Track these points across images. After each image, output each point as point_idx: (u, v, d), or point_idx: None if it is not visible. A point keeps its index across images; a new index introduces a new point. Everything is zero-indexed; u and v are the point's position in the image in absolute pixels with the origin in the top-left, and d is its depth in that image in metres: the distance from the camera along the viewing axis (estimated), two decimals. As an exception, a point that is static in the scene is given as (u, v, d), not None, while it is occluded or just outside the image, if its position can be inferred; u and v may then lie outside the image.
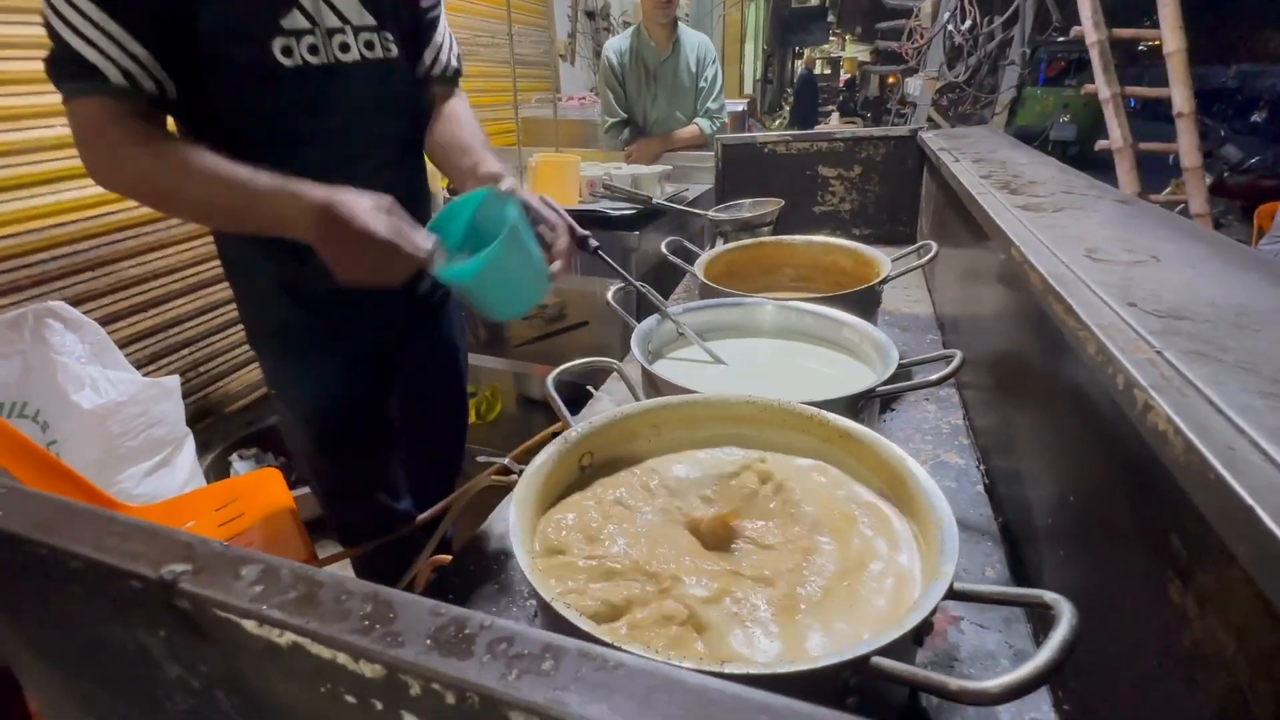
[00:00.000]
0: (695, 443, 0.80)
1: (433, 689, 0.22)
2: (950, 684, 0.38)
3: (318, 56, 0.87)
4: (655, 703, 0.21)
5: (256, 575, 0.27)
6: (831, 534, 0.63)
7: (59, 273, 1.70)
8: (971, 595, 0.48)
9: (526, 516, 0.61)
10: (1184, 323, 0.49)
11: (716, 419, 0.81)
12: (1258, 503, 0.30)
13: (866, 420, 0.91)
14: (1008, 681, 0.37)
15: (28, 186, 1.64)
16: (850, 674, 0.43)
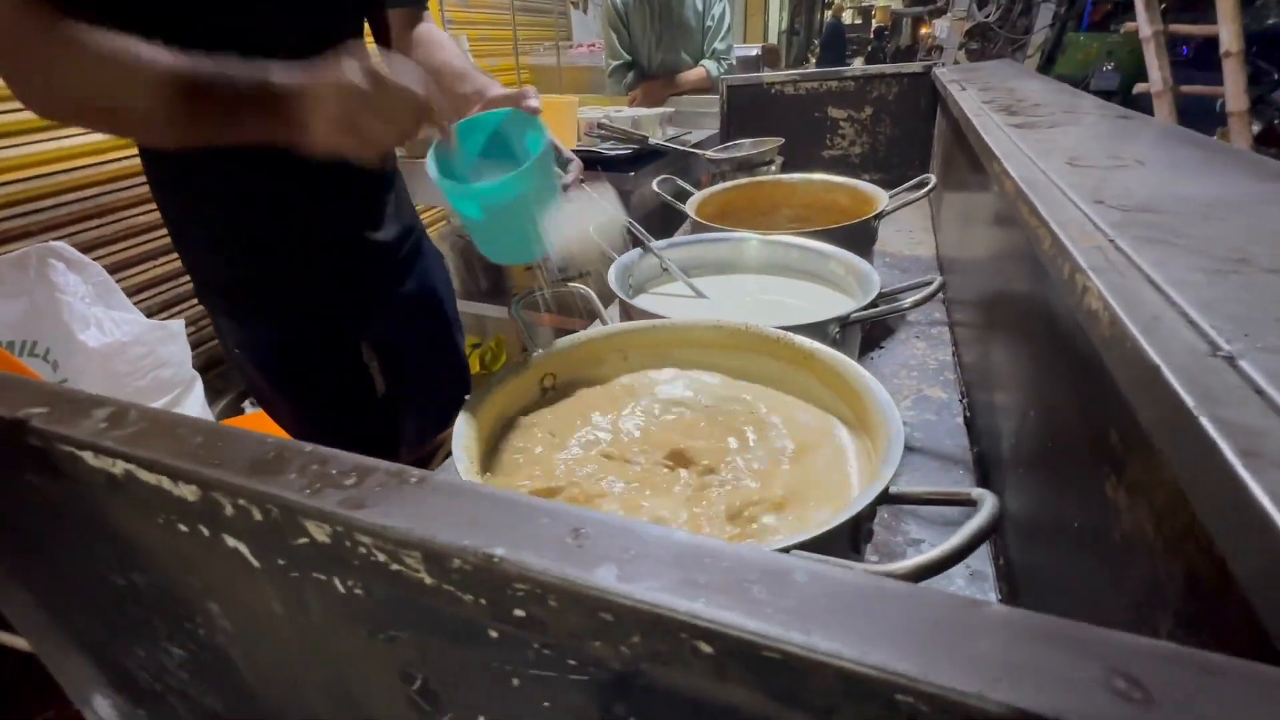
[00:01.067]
0: (662, 366, 0.79)
1: (240, 505, 0.22)
2: (855, 567, 0.38)
3: None
4: (452, 510, 0.20)
5: (105, 415, 0.27)
6: (789, 455, 0.61)
7: (68, 219, 1.73)
8: (907, 498, 0.47)
9: (473, 426, 0.61)
10: (1148, 215, 0.46)
11: (684, 344, 0.80)
12: (1165, 363, 0.28)
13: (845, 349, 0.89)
14: (914, 563, 0.36)
15: (31, 132, 1.66)
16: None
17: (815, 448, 0.63)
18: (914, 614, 0.15)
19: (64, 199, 1.71)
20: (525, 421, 0.67)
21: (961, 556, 0.36)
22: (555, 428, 0.65)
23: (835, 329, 0.83)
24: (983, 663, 0.13)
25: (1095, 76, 4.47)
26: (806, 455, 0.62)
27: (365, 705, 0.25)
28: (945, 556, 0.36)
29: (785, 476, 0.59)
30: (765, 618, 0.15)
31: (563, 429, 0.65)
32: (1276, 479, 0.21)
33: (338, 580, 0.21)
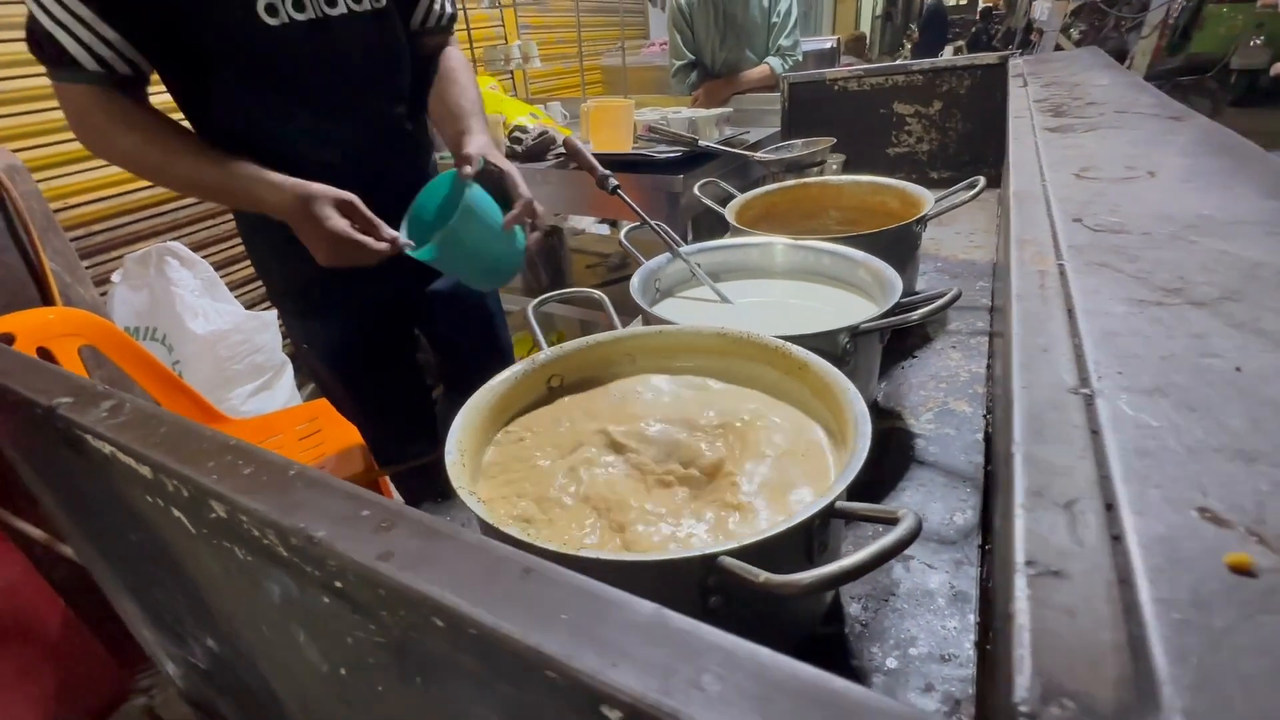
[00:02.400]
0: (667, 373, 0.82)
1: (174, 485, 0.28)
2: (758, 576, 0.40)
3: (304, 13, 0.87)
4: (310, 497, 0.25)
5: (108, 407, 0.34)
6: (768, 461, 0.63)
7: (184, 220, 1.98)
8: (849, 513, 0.48)
9: (470, 420, 0.66)
10: (1117, 237, 0.44)
11: (688, 350, 0.82)
12: (1021, 396, 0.28)
13: (864, 359, 0.89)
14: (812, 577, 0.37)
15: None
16: (702, 570, 0.45)
17: (795, 455, 0.64)
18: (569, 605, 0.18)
19: (181, 203, 1.95)
20: (523, 420, 0.72)
21: (858, 574, 0.37)
22: (548, 426, 0.70)
23: (845, 338, 0.83)
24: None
25: (1239, 52, 3.95)
26: (785, 462, 0.63)
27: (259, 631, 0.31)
28: (842, 573, 0.37)
29: (759, 481, 0.60)
30: (479, 602, 0.19)
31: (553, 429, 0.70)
32: (1043, 519, 0.22)
33: (236, 549, 0.27)
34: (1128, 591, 0.19)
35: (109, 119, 0.83)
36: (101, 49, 0.79)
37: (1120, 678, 0.17)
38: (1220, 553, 0.19)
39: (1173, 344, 0.30)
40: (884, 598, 0.65)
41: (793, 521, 0.47)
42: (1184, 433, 0.24)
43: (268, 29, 0.86)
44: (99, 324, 1.39)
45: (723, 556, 0.44)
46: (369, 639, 0.23)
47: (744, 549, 0.45)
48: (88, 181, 1.73)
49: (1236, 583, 0.18)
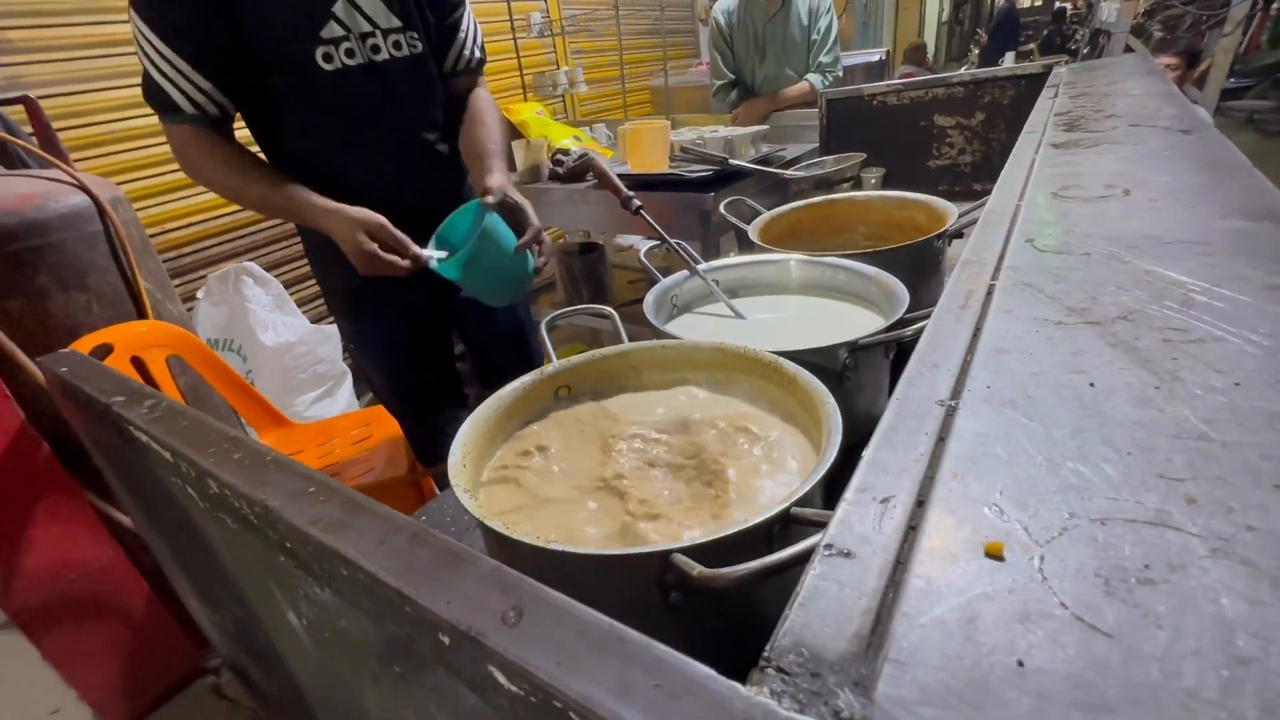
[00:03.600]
0: (669, 385, 0.87)
1: (184, 467, 0.35)
2: (694, 569, 0.43)
3: (354, 59, 1.05)
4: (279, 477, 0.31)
5: (148, 405, 0.42)
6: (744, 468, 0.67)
7: (260, 242, 2.18)
8: (802, 519, 0.50)
9: (476, 426, 0.73)
10: (1057, 258, 0.45)
11: (689, 364, 0.87)
12: (896, 407, 0.31)
13: (871, 373, 0.90)
14: (739, 571, 0.41)
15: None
16: (660, 567, 0.49)
17: (775, 464, 0.67)
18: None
19: (256, 228, 2.16)
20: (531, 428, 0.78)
21: (782, 570, 0.40)
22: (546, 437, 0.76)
23: (845, 354, 0.85)
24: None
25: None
26: (767, 469, 0.66)
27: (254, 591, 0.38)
28: (767, 568, 0.40)
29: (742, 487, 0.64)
30: (369, 557, 0.24)
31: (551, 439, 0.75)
32: (857, 511, 0.25)
33: (227, 519, 0.34)
34: (900, 571, 0.22)
35: (201, 152, 1.03)
36: (196, 95, 0.98)
37: (856, 634, 0.20)
38: (985, 539, 0.22)
39: (1049, 360, 0.32)
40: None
41: (748, 524, 0.50)
42: (1012, 441, 0.27)
43: (323, 73, 1.04)
44: (184, 336, 1.57)
45: (675, 554, 0.48)
46: (310, 588, 0.28)
47: (699, 547, 0.49)
48: (178, 209, 1.95)
49: (985, 565, 0.21)
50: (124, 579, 1.46)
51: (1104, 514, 0.22)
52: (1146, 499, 0.22)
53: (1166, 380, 0.28)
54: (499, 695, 0.20)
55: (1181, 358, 0.30)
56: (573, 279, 2.33)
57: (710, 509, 0.62)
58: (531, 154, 2.02)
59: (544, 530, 0.62)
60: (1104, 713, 0.16)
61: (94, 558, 1.39)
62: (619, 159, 2.21)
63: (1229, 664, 0.16)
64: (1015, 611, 0.19)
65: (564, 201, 2.11)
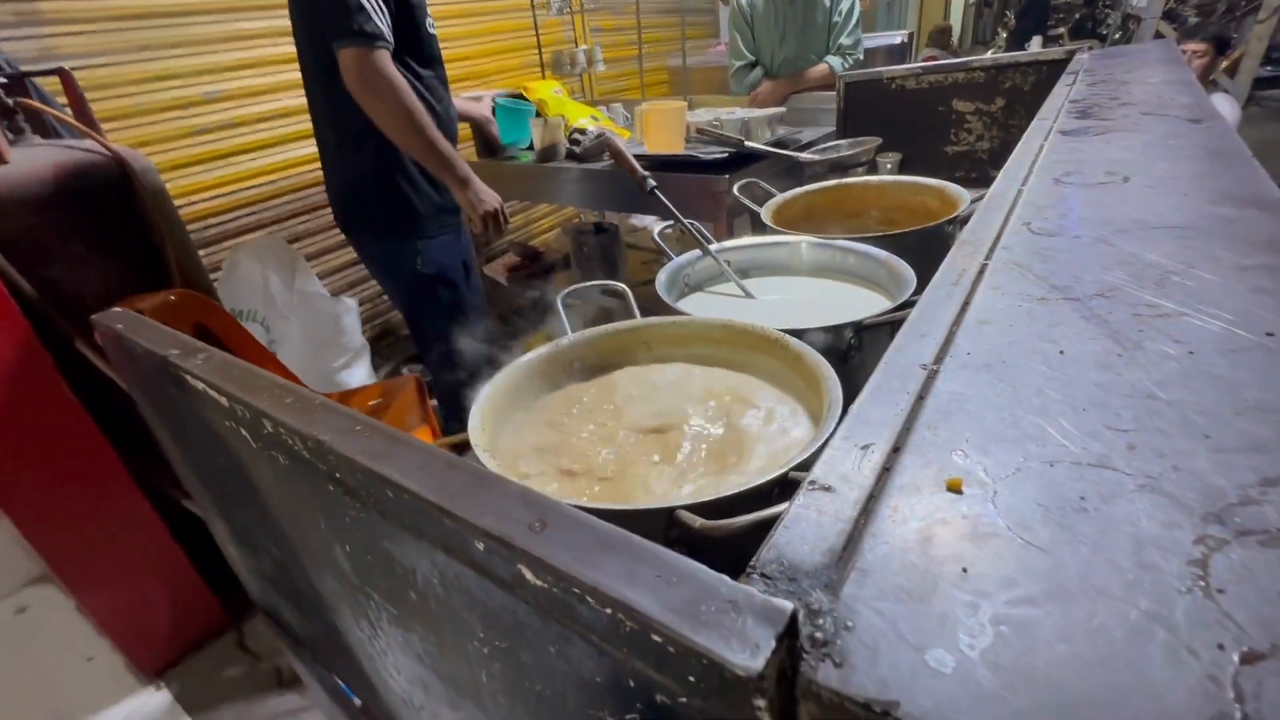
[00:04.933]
0: (679, 360, 0.90)
1: (239, 410, 0.39)
2: (695, 522, 0.47)
3: (431, 29, 1.53)
4: (329, 418, 0.35)
5: (202, 358, 0.46)
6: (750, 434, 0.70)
7: (287, 215, 2.23)
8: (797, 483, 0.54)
9: (493, 394, 0.76)
10: (1048, 240, 0.48)
11: (699, 339, 0.90)
12: (883, 370, 0.34)
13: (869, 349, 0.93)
14: (736, 523, 0.44)
15: (261, 149, 2.17)
16: (666, 521, 0.53)
17: (779, 433, 0.71)
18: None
19: (282, 200, 2.20)
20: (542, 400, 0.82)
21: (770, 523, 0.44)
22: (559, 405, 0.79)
23: (850, 333, 0.88)
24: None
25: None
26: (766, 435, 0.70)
27: (299, 527, 0.42)
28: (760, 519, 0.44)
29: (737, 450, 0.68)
30: (412, 479, 0.28)
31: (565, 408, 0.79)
32: (840, 455, 0.28)
33: (279, 455, 0.37)
34: (872, 503, 0.26)
35: (396, 77, 1.39)
36: (388, 32, 1.38)
37: (830, 550, 0.24)
38: (947, 476, 0.26)
39: (1026, 331, 0.35)
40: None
41: (747, 485, 0.54)
42: (983, 399, 0.30)
43: (425, 33, 1.52)
44: (211, 306, 1.62)
45: (679, 510, 0.52)
46: (357, 514, 0.32)
47: (705, 504, 0.52)
48: (205, 181, 2.00)
49: (946, 498, 0.25)
50: (157, 538, 1.53)
51: (1054, 458, 0.25)
52: (1092, 446, 0.26)
53: (1129, 349, 0.31)
54: (526, 591, 0.23)
55: (1147, 330, 0.33)
56: (586, 258, 2.36)
57: (715, 470, 0.65)
58: (549, 133, 2.04)
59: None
60: (1027, 604, 0.19)
61: (129, 517, 1.46)
62: (636, 139, 2.22)
63: (1135, 570, 0.20)
64: (966, 532, 0.23)
65: (580, 181, 2.13)
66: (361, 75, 1.35)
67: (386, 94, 1.38)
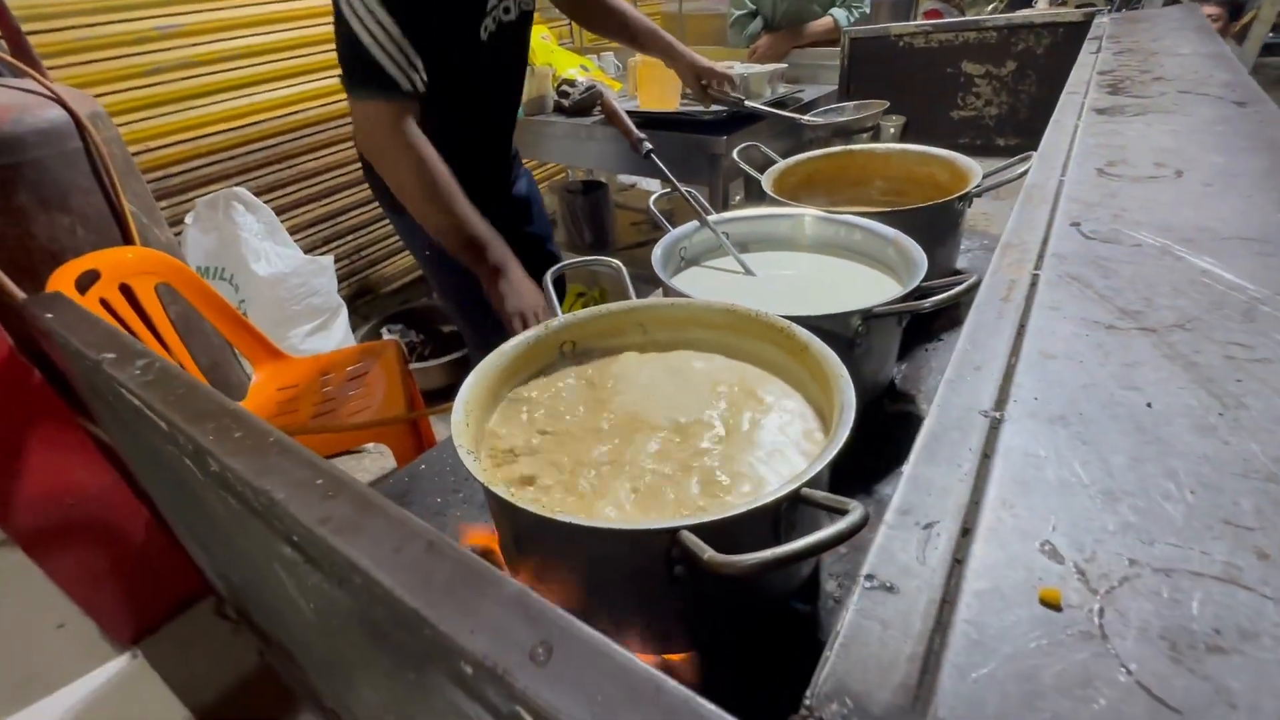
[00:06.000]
0: (676, 344, 0.85)
1: (175, 436, 0.33)
2: (704, 554, 0.43)
3: (496, 24, 1.08)
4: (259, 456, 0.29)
5: (141, 366, 0.39)
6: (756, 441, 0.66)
7: (252, 165, 2.09)
8: (809, 500, 0.50)
9: (479, 382, 0.71)
10: (1105, 246, 0.43)
11: (698, 324, 0.84)
12: (936, 414, 0.30)
13: (882, 340, 0.89)
14: (750, 560, 0.40)
15: (225, 91, 2.00)
16: (667, 542, 0.49)
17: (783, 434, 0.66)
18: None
19: (249, 148, 2.06)
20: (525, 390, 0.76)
21: (796, 559, 0.40)
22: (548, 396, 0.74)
23: (858, 321, 0.83)
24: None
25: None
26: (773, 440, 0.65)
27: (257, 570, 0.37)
28: (780, 558, 0.40)
29: (744, 458, 0.63)
30: (385, 568, 0.23)
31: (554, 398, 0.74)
32: (899, 537, 0.24)
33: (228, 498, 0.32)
34: (946, 611, 0.21)
35: (403, 137, 0.97)
36: (411, 73, 0.95)
37: (903, 684, 0.19)
38: (1040, 586, 0.21)
39: (1101, 372, 0.31)
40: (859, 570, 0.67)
41: (756, 504, 0.49)
42: (1065, 465, 0.26)
43: (480, 43, 1.07)
44: (173, 264, 1.52)
45: (683, 531, 0.48)
46: (319, 581, 0.27)
47: (708, 525, 0.48)
48: (164, 126, 1.85)
49: (1040, 615, 0.20)
50: (123, 504, 1.47)
51: (1168, 563, 0.21)
52: (1213, 549, 0.21)
53: (1230, 406, 0.27)
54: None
55: (1246, 379, 0.28)
56: (574, 218, 2.26)
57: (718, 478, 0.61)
58: (536, 83, 1.92)
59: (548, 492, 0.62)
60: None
61: (91, 483, 1.40)
62: (627, 93, 2.10)
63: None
64: (1075, 674, 0.18)
65: (568, 136, 2.01)
66: (367, 136, 0.99)
67: (394, 165, 1.00)
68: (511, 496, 0.53)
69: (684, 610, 0.57)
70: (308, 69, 2.23)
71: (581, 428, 0.69)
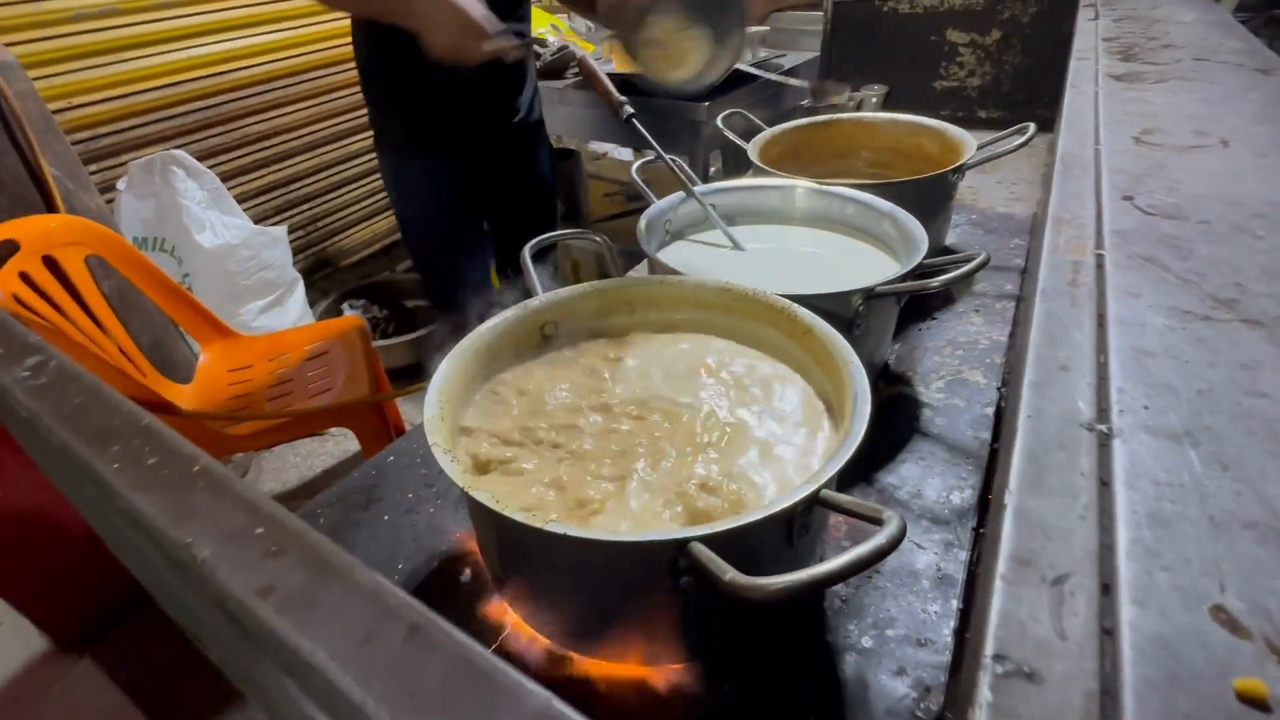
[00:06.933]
0: (666, 326, 0.79)
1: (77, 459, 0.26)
2: (725, 575, 0.38)
3: None
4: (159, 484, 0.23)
5: (32, 365, 0.32)
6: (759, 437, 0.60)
7: (193, 126, 1.92)
8: (832, 504, 0.45)
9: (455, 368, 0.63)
10: (1170, 223, 0.38)
11: (691, 303, 0.78)
12: (1026, 428, 0.24)
13: (879, 320, 0.84)
14: (780, 584, 0.35)
15: (159, 43, 1.82)
16: (674, 553, 0.43)
17: (789, 426, 0.61)
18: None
19: (190, 107, 1.88)
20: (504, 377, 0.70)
21: (834, 581, 0.35)
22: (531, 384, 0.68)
23: (859, 300, 0.78)
24: None
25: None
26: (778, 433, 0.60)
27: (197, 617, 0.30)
28: (815, 581, 0.35)
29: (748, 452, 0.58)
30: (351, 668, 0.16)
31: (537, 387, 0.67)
32: (1025, 598, 0.19)
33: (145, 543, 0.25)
34: (1109, 707, 0.16)
35: None
36: None
37: (1082, 831, 0.14)
38: (1231, 672, 0.16)
39: (1215, 374, 0.26)
40: (867, 575, 0.63)
41: (773, 510, 0.44)
42: (1211, 498, 0.21)
43: None
44: (104, 234, 1.38)
45: (694, 542, 0.42)
46: (266, 666, 0.21)
47: (719, 535, 0.43)
48: (90, 80, 1.67)
49: (1241, 714, 0.15)
50: (57, 505, 1.36)
51: (1389, 639, 0.16)
52: None
53: (1391, 419, 0.22)
54: None
55: (1396, 385, 0.24)
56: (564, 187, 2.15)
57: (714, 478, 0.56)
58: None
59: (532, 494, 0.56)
60: None
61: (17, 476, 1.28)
62: (601, 55, 1.99)
63: None
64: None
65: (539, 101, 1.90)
66: None
67: None
68: (497, 505, 0.46)
69: (688, 621, 0.52)
70: (253, 20, 2.05)
71: (567, 421, 0.63)
